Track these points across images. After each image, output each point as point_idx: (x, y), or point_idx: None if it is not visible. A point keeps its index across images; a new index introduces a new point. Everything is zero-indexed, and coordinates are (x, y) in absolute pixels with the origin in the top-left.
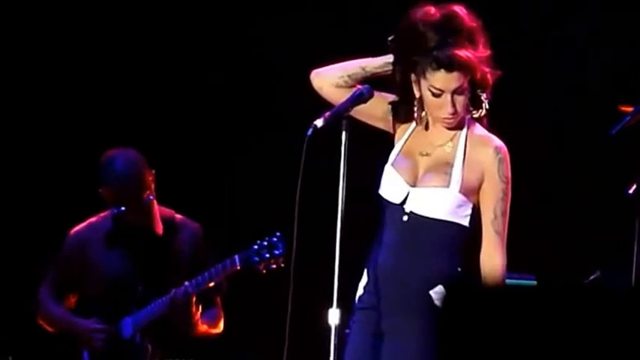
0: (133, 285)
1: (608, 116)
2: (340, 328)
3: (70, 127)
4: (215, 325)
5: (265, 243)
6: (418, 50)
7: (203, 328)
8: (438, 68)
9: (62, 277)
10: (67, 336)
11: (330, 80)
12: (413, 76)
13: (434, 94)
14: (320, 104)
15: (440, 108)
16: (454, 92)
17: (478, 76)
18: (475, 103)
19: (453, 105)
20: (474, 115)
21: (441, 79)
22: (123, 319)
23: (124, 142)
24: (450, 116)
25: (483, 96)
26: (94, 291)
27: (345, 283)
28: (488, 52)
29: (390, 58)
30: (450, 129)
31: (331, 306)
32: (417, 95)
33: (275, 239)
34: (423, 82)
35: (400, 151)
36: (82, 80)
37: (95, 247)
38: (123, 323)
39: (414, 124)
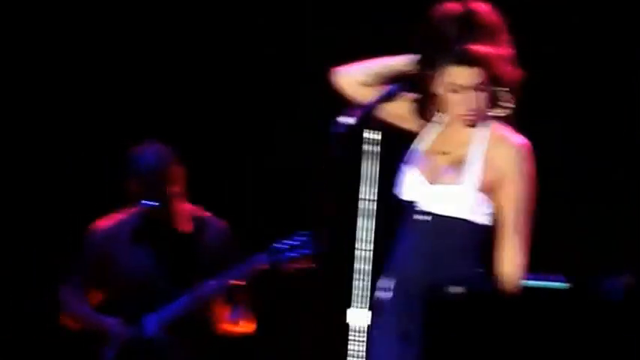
0: (159, 282)
1: None
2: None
3: (69, 127)
4: (241, 322)
5: (294, 242)
6: (439, 46)
7: (229, 326)
8: (458, 64)
9: (87, 274)
10: (91, 334)
11: (354, 79)
12: (433, 73)
13: (454, 90)
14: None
15: (460, 105)
16: (474, 88)
17: (499, 73)
18: (496, 102)
19: (473, 102)
20: (495, 115)
21: (461, 74)
22: (147, 317)
23: (135, 140)
24: (470, 113)
25: (504, 96)
26: (120, 288)
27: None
28: (510, 50)
29: (412, 57)
30: (470, 126)
31: (350, 306)
32: (438, 92)
33: (305, 238)
34: (443, 79)
35: (420, 150)
36: (87, 80)
37: (121, 243)
38: (147, 321)
39: (434, 123)
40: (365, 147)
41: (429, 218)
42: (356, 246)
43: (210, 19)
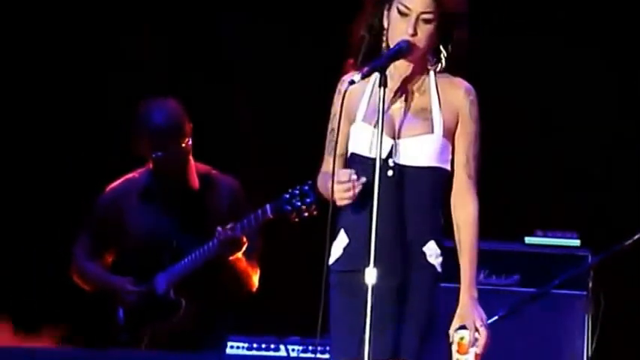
0: (169, 240)
1: None
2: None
3: (70, 127)
4: (252, 274)
5: (297, 191)
6: None
7: (244, 266)
8: None
9: (98, 234)
10: (102, 293)
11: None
12: (386, 8)
13: (400, 12)
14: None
15: (401, 30)
16: (420, 15)
17: (449, 14)
18: (439, 50)
19: (416, 28)
20: (431, 67)
21: None
22: (157, 275)
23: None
24: (410, 38)
25: (444, 50)
26: (130, 246)
27: None
28: (466, 10)
29: None
30: (413, 75)
31: (363, 265)
32: (385, 26)
33: (306, 187)
34: (394, 5)
35: (367, 107)
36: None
37: (130, 202)
38: (157, 279)
39: (374, 79)
40: (380, 103)
41: (394, 172)
42: (374, 208)
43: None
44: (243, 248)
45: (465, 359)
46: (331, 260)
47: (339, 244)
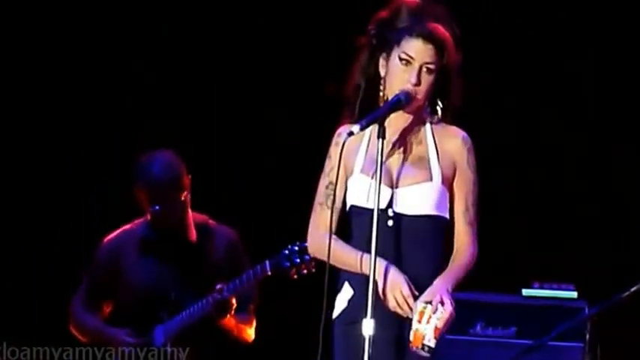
0: (166, 292)
1: None
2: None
3: (70, 127)
4: (248, 324)
5: (296, 248)
6: (396, 26)
7: (236, 328)
8: (416, 37)
9: (96, 286)
10: (99, 345)
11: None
12: (383, 57)
13: (402, 60)
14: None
15: (404, 78)
16: (423, 65)
17: (449, 65)
18: (437, 99)
19: (419, 78)
20: (427, 118)
21: (415, 46)
22: (155, 328)
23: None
24: (412, 87)
25: (440, 103)
26: (128, 299)
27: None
28: (461, 62)
29: None
30: (411, 125)
31: (365, 316)
32: (383, 74)
33: (305, 244)
34: (394, 53)
35: (365, 158)
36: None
37: (128, 254)
38: (155, 332)
39: (370, 130)
40: (377, 155)
41: (394, 222)
42: (371, 255)
43: (211, 23)
44: (232, 310)
45: (424, 329)
46: (336, 312)
47: (344, 296)
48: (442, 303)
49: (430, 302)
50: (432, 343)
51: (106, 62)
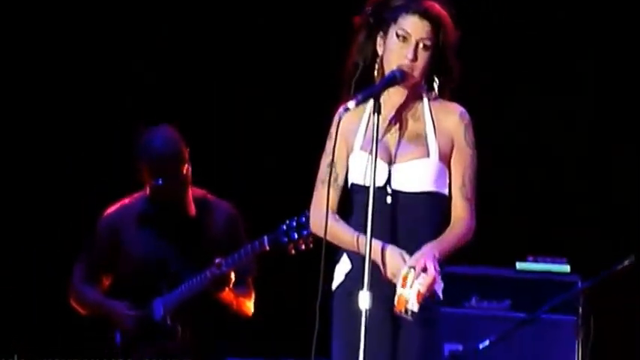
0: (166, 266)
1: None
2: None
3: (70, 126)
4: (246, 297)
5: (294, 223)
6: (392, 5)
7: (235, 302)
8: (412, 13)
9: (95, 260)
10: (99, 318)
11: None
12: (380, 35)
13: (399, 37)
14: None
15: (401, 54)
16: (420, 41)
17: (446, 42)
18: (434, 75)
19: (415, 53)
20: (424, 94)
21: (411, 23)
22: (154, 301)
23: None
24: (409, 63)
25: (437, 78)
26: (127, 272)
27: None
28: (457, 40)
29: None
30: (408, 102)
31: (359, 288)
32: (380, 52)
33: (303, 219)
34: (391, 31)
35: (364, 136)
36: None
37: (127, 228)
38: (154, 305)
39: (368, 108)
40: (373, 130)
41: (393, 199)
42: (368, 229)
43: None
44: (230, 284)
45: (407, 293)
46: (335, 284)
47: (342, 268)
48: (425, 269)
49: (414, 267)
50: (415, 308)
51: (105, 62)
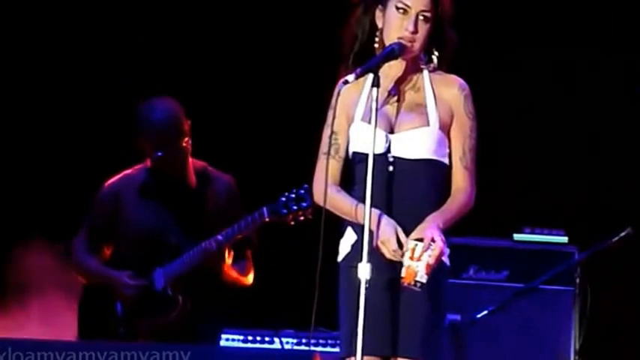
0: (166, 236)
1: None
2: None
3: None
4: (245, 274)
5: (293, 195)
6: None
7: (233, 274)
8: None
9: (96, 229)
10: (100, 287)
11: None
12: (379, 8)
13: (399, 9)
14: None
15: (401, 27)
16: (420, 13)
17: (444, 14)
18: (433, 46)
19: (416, 25)
20: (424, 66)
21: None
22: (155, 271)
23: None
24: (410, 35)
25: (435, 51)
26: (128, 242)
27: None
28: (454, 13)
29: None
30: (408, 74)
31: (361, 260)
32: (380, 25)
33: (302, 191)
34: (390, 4)
35: (365, 107)
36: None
37: (128, 198)
38: (155, 275)
39: (369, 80)
40: (372, 103)
41: (394, 167)
42: (366, 201)
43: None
44: (225, 261)
45: (416, 265)
46: (340, 256)
47: (348, 240)
48: (433, 240)
49: (421, 240)
50: (424, 279)
51: (106, 61)
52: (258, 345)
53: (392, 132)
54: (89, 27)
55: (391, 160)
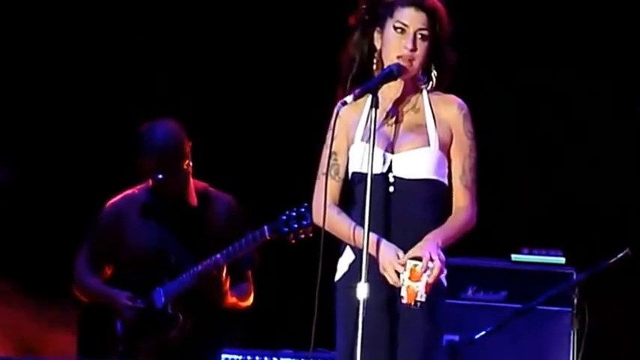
0: (167, 256)
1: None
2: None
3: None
4: (245, 298)
5: (293, 213)
6: (386, 0)
7: (232, 300)
8: (408, 5)
9: (97, 248)
10: (100, 306)
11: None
12: (377, 30)
13: (397, 29)
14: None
15: (400, 46)
16: (417, 32)
17: (442, 33)
18: (431, 67)
19: (414, 43)
20: (422, 86)
21: (408, 14)
22: (155, 290)
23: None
24: (409, 53)
25: (434, 71)
26: (128, 261)
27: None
28: (451, 31)
29: None
30: (406, 95)
31: (360, 280)
32: (378, 47)
33: (303, 210)
34: (387, 24)
35: (365, 128)
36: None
37: (130, 218)
38: (155, 294)
39: (368, 101)
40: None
41: (395, 187)
42: (365, 221)
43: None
44: (223, 286)
45: (416, 286)
46: (338, 276)
47: (346, 260)
48: (431, 259)
49: (420, 259)
50: (424, 298)
51: (106, 61)
52: None
53: (392, 152)
54: (89, 27)
55: (392, 180)
